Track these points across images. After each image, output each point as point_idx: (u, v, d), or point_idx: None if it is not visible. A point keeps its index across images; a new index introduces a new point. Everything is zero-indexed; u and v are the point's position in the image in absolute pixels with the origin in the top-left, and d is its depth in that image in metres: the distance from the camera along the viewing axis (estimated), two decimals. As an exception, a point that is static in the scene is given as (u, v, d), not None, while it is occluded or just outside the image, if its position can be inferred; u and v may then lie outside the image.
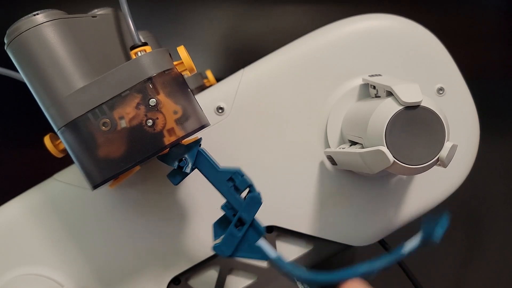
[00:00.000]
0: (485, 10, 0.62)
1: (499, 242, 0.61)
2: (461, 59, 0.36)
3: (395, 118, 0.26)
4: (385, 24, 0.35)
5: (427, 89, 0.35)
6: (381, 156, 0.26)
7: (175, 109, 0.26)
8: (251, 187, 0.28)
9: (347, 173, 0.35)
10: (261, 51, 0.37)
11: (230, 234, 0.27)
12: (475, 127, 0.36)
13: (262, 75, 0.35)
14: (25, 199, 0.35)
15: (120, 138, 0.26)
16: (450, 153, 0.26)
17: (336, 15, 0.37)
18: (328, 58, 0.35)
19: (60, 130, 0.26)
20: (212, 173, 0.28)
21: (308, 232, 0.35)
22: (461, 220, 0.61)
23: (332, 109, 0.34)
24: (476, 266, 0.61)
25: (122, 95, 0.26)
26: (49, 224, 0.35)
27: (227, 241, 0.27)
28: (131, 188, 0.35)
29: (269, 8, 0.61)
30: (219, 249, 0.27)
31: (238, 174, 0.28)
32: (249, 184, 0.28)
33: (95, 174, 0.26)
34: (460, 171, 0.36)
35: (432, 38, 0.35)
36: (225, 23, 0.62)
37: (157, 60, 0.26)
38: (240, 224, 0.27)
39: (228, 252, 0.27)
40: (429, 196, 0.36)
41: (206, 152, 0.28)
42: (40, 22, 0.26)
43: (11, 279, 0.34)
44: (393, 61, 0.35)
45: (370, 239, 0.36)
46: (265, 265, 0.36)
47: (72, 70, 0.26)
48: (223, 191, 0.28)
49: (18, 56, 0.26)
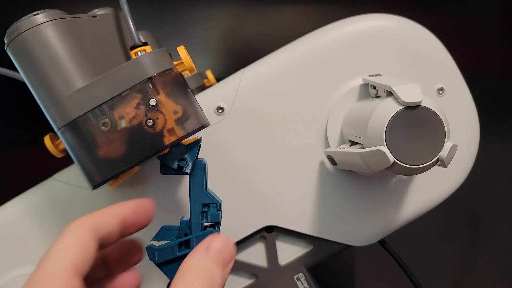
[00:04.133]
0: (485, 10, 0.62)
1: (499, 242, 0.61)
2: (461, 59, 0.36)
3: (395, 118, 0.26)
4: (385, 24, 0.35)
5: (427, 89, 0.35)
6: (381, 156, 0.26)
7: (175, 109, 0.26)
8: (217, 226, 0.28)
9: (347, 173, 0.35)
10: (261, 51, 0.37)
11: (170, 247, 0.27)
12: (475, 127, 0.36)
13: (262, 75, 0.35)
14: (25, 199, 0.35)
15: (120, 138, 0.26)
16: (450, 153, 0.26)
17: (336, 15, 0.37)
18: (328, 58, 0.35)
19: (60, 130, 0.26)
20: (197, 189, 0.28)
21: (308, 232, 0.35)
22: (461, 220, 0.61)
23: (332, 109, 0.34)
24: (476, 266, 0.61)
25: (122, 95, 0.26)
26: (49, 224, 0.35)
27: (164, 251, 0.27)
28: (131, 188, 0.35)
29: (269, 8, 0.61)
30: (152, 252, 0.27)
31: (216, 205, 0.28)
32: (218, 222, 0.28)
33: (95, 174, 0.26)
34: (460, 171, 0.36)
35: (432, 38, 0.35)
36: (225, 23, 0.62)
37: (157, 60, 0.26)
38: (184, 246, 0.27)
39: (157, 260, 0.27)
40: (429, 196, 0.36)
41: (206, 169, 0.28)
42: (40, 22, 0.26)
43: (11, 279, 0.34)
44: (393, 61, 0.35)
45: (370, 239, 0.36)
46: (265, 265, 0.36)
47: (72, 70, 0.26)
48: (194, 210, 0.28)
49: (18, 56, 0.26)
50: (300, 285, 0.36)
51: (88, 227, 0.23)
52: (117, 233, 0.25)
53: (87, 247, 0.22)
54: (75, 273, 0.21)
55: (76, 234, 0.23)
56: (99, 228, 0.23)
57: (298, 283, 0.36)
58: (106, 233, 0.24)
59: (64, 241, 0.22)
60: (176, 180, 0.35)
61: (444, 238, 0.61)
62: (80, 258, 0.22)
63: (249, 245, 0.36)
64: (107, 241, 0.24)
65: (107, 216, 0.24)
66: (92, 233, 0.23)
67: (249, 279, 0.36)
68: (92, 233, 0.23)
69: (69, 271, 0.21)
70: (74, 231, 0.23)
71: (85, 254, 0.22)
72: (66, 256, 0.22)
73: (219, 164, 0.35)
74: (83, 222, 0.23)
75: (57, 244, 0.22)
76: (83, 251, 0.22)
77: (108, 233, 0.24)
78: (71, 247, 0.22)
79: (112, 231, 0.24)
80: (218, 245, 0.25)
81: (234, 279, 0.36)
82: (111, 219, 0.24)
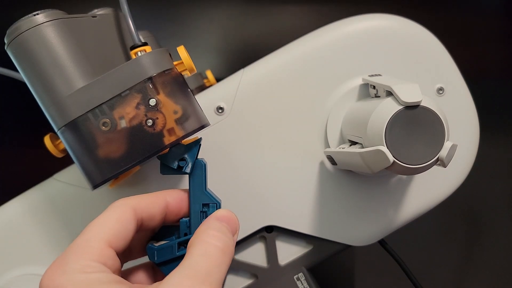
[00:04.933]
0: (485, 10, 0.62)
1: (499, 242, 0.61)
2: (461, 59, 0.36)
3: (395, 118, 0.26)
4: (385, 24, 0.35)
5: (427, 89, 0.35)
6: (381, 156, 0.26)
7: (175, 109, 0.26)
8: None
9: (347, 173, 0.35)
10: (261, 51, 0.37)
11: (170, 247, 0.27)
12: (475, 127, 0.36)
13: (262, 75, 0.35)
14: (25, 199, 0.36)
15: (120, 138, 0.26)
16: (450, 153, 0.26)
17: (336, 15, 0.37)
18: (328, 58, 0.35)
19: (60, 130, 0.26)
20: (197, 189, 0.28)
21: (308, 232, 0.35)
22: (461, 220, 0.61)
23: (332, 109, 0.34)
24: (476, 266, 0.61)
25: (122, 95, 0.26)
26: (49, 224, 0.35)
27: (163, 251, 0.27)
28: (131, 188, 0.35)
29: (269, 8, 0.61)
30: (151, 252, 0.27)
31: (215, 205, 0.28)
32: None
33: (95, 174, 0.26)
34: (460, 171, 0.36)
35: (432, 38, 0.35)
36: (225, 23, 0.62)
37: (157, 60, 0.26)
38: (184, 246, 0.27)
39: (157, 260, 0.27)
40: (429, 196, 0.36)
41: (206, 168, 0.28)
42: (40, 22, 0.26)
43: (11, 279, 0.34)
44: (393, 61, 0.35)
45: (370, 239, 0.36)
46: (265, 265, 0.36)
47: (72, 70, 0.26)
48: (193, 210, 0.28)
49: (18, 56, 0.26)
50: (300, 285, 0.36)
51: (131, 206, 0.25)
52: (159, 217, 0.27)
53: (125, 224, 0.25)
54: (109, 245, 0.24)
55: (118, 211, 0.25)
56: (141, 209, 0.26)
57: (298, 283, 0.36)
58: (147, 215, 0.26)
59: (106, 215, 0.25)
60: (176, 180, 0.35)
61: (444, 238, 0.61)
62: (117, 233, 0.24)
63: (249, 245, 0.36)
64: (148, 223, 0.26)
65: (151, 199, 0.26)
66: (133, 213, 0.25)
67: (249, 279, 0.36)
68: (133, 213, 0.25)
69: (104, 242, 0.23)
70: (116, 207, 0.25)
71: (123, 230, 0.24)
72: (104, 228, 0.24)
73: (219, 164, 0.35)
74: (126, 201, 0.26)
75: (99, 217, 0.25)
76: (121, 227, 0.24)
77: (149, 216, 0.26)
78: (110, 221, 0.24)
79: (154, 215, 0.26)
80: (224, 213, 0.27)
81: (234, 279, 0.36)
82: (154, 203, 0.26)
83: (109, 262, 0.23)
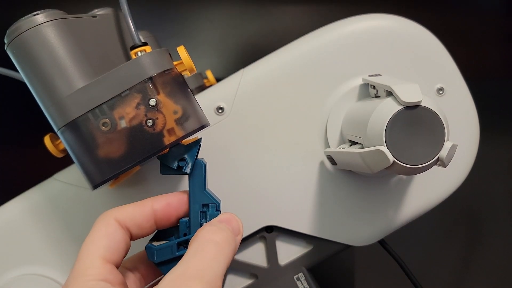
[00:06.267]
0: (485, 10, 0.62)
1: (499, 242, 0.61)
2: (461, 59, 0.36)
3: (395, 118, 0.26)
4: (385, 24, 0.35)
5: (427, 89, 0.35)
6: (381, 156, 0.26)
7: (175, 109, 0.26)
8: None
9: (347, 173, 0.35)
10: (261, 51, 0.37)
11: (169, 247, 0.27)
12: (475, 127, 0.36)
13: (262, 75, 0.35)
14: (25, 199, 0.36)
15: (120, 138, 0.26)
16: (450, 153, 0.26)
17: (336, 15, 0.37)
18: (328, 58, 0.35)
19: (60, 130, 0.26)
20: (197, 189, 0.28)
21: (308, 232, 0.35)
22: (461, 220, 0.61)
23: (332, 109, 0.34)
24: (476, 266, 0.61)
25: (122, 95, 0.26)
26: (49, 224, 0.35)
27: (163, 251, 0.27)
28: (131, 188, 0.35)
29: (269, 8, 0.61)
30: (151, 252, 0.27)
31: (215, 205, 0.28)
32: None
33: (95, 174, 0.26)
34: (460, 171, 0.36)
35: (432, 38, 0.35)
36: (225, 23, 0.62)
37: (157, 60, 0.26)
38: (183, 246, 0.27)
39: (156, 260, 0.27)
40: (429, 196, 0.36)
41: (205, 169, 0.28)
42: (40, 22, 0.26)
43: (11, 279, 0.34)
44: (393, 61, 0.35)
45: (370, 239, 0.36)
46: (265, 265, 0.36)
47: (72, 70, 0.26)
48: (193, 210, 0.28)
49: (18, 56, 0.26)
50: (300, 285, 0.36)
51: (114, 217, 0.25)
52: (147, 225, 0.26)
53: (113, 237, 0.25)
54: (105, 260, 0.24)
55: (102, 226, 0.25)
56: (124, 218, 0.25)
57: (298, 283, 0.36)
58: (132, 224, 0.26)
59: (93, 233, 0.25)
60: (176, 180, 0.35)
61: (444, 238, 0.61)
62: (108, 247, 0.24)
63: (249, 245, 0.36)
64: (137, 232, 0.26)
65: (134, 207, 0.26)
66: (117, 223, 0.25)
67: (249, 279, 0.36)
68: (117, 223, 0.25)
69: (99, 260, 0.23)
70: (100, 223, 0.25)
71: (113, 243, 0.24)
72: (95, 246, 0.24)
73: (219, 164, 0.35)
74: (108, 213, 0.26)
75: (89, 236, 0.25)
76: (110, 241, 0.24)
77: (135, 224, 0.26)
78: (99, 237, 0.24)
79: (140, 223, 0.26)
80: (226, 216, 0.27)
81: (234, 279, 0.36)
82: (138, 211, 0.26)
83: (110, 277, 0.23)
